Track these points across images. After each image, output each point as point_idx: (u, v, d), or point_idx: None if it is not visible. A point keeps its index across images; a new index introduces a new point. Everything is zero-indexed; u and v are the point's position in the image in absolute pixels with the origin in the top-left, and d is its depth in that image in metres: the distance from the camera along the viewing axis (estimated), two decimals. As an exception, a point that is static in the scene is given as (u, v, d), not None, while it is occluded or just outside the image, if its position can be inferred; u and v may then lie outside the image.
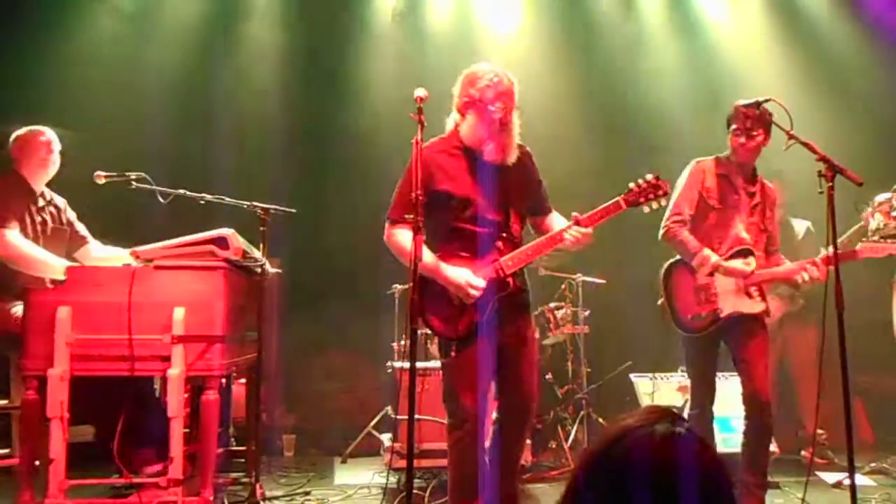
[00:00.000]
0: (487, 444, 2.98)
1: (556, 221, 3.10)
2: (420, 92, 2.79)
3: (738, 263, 3.46)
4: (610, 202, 2.95)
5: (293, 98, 5.73)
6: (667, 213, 3.54)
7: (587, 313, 5.13)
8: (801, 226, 4.90)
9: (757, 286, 3.51)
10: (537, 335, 4.85)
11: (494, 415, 3.10)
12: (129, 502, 3.01)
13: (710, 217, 3.53)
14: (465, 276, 2.86)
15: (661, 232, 3.58)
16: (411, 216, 2.68)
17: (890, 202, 3.89)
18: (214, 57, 5.71)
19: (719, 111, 3.79)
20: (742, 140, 3.46)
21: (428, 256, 2.85)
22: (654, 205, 3.00)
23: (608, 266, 5.21)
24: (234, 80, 5.72)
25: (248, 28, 5.92)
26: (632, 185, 2.98)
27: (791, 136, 3.04)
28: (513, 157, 2.98)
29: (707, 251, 3.48)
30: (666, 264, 3.67)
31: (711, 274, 3.48)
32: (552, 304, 5.14)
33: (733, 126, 3.48)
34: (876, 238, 4.09)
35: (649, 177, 2.98)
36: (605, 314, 5.25)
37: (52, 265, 3.35)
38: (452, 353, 2.86)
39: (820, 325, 2.95)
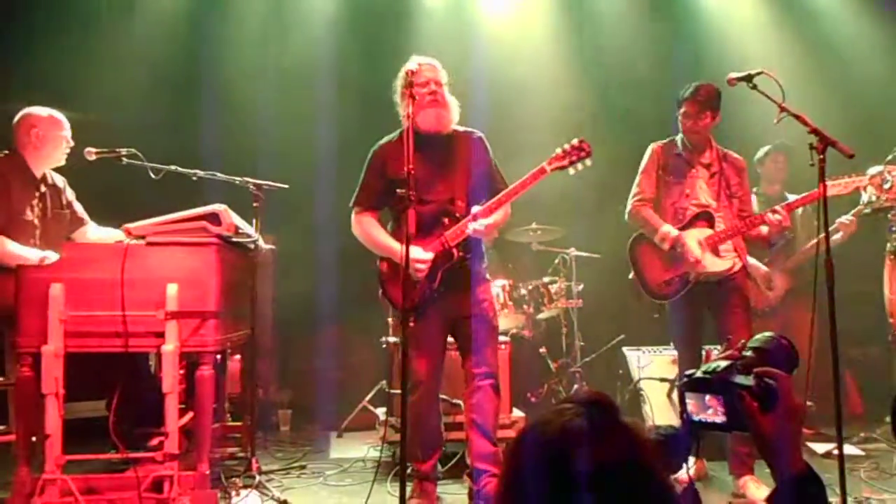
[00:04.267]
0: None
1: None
2: (412, 65, 2.80)
3: (692, 246, 3.67)
4: (535, 169, 3.23)
5: (286, 72, 5.68)
6: (631, 194, 3.88)
7: (581, 287, 5.15)
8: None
9: (723, 244, 3.71)
10: (531, 310, 4.90)
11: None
12: (126, 477, 3.03)
13: (672, 191, 3.81)
14: (412, 254, 3.07)
15: (627, 211, 3.87)
16: (375, 203, 3.11)
17: (882, 175, 3.89)
18: (205, 30, 5.65)
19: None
20: (690, 123, 3.75)
21: (383, 238, 3.32)
22: (580, 166, 3.25)
23: (602, 240, 5.22)
24: (225, 54, 5.66)
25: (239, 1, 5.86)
26: (557, 149, 3.24)
27: (783, 109, 3.04)
28: (448, 127, 3.30)
29: (667, 227, 3.74)
30: (630, 239, 3.90)
31: (673, 248, 3.70)
32: (546, 279, 5.16)
33: (683, 109, 3.76)
34: (869, 211, 4.12)
35: (574, 141, 3.25)
36: (598, 288, 5.27)
37: (31, 259, 3.33)
38: (411, 324, 3.05)
39: (815, 299, 2.97)
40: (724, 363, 1.30)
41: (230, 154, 4.79)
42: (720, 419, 1.28)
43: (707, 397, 1.29)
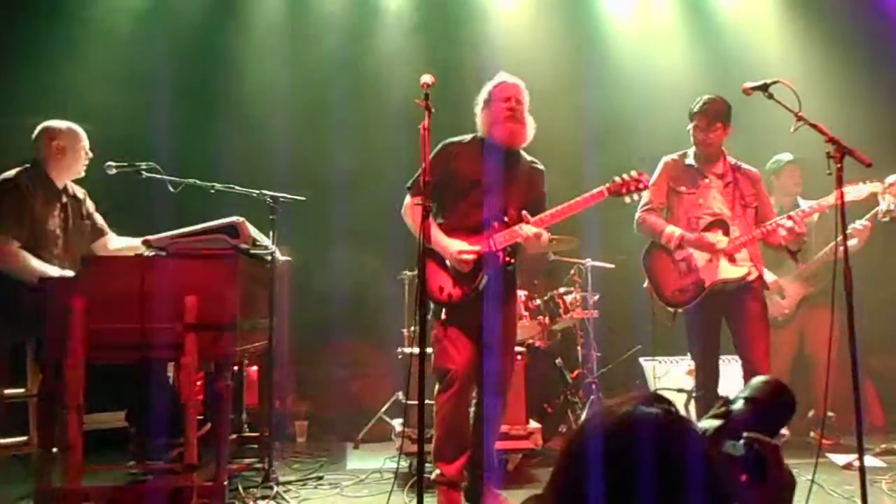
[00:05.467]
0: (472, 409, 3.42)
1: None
2: (426, 78, 2.84)
3: (708, 235, 3.72)
4: (594, 190, 3.36)
5: (301, 84, 5.73)
6: (640, 205, 3.90)
7: (596, 297, 5.13)
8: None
9: (738, 251, 3.73)
10: (546, 320, 4.89)
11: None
12: (146, 487, 3.05)
13: (685, 201, 3.85)
14: (459, 247, 3.27)
15: (635, 220, 3.93)
16: (426, 191, 3.03)
17: (900, 183, 3.87)
18: (221, 43, 5.71)
19: (728, 92, 3.81)
20: (702, 136, 3.80)
21: (433, 227, 3.24)
22: (635, 196, 3.38)
23: (617, 250, 5.21)
24: (241, 66, 5.72)
25: (255, 13, 5.92)
26: (616, 178, 3.36)
27: (799, 118, 3.04)
28: (522, 143, 3.43)
29: (671, 227, 3.78)
30: (643, 249, 3.93)
31: (681, 247, 3.75)
32: (561, 289, 5.14)
33: (694, 122, 3.83)
34: (887, 219, 4.09)
35: (634, 172, 3.37)
36: (614, 298, 5.25)
37: (51, 275, 3.36)
38: (443, 317, 3.26)
39: (837, 307, 2.95)
40: (714, 424, 1.23)
41: (247, 167, 4.84)
42: None
43: None
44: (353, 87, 5.69)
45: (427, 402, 2.99)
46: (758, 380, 1.34)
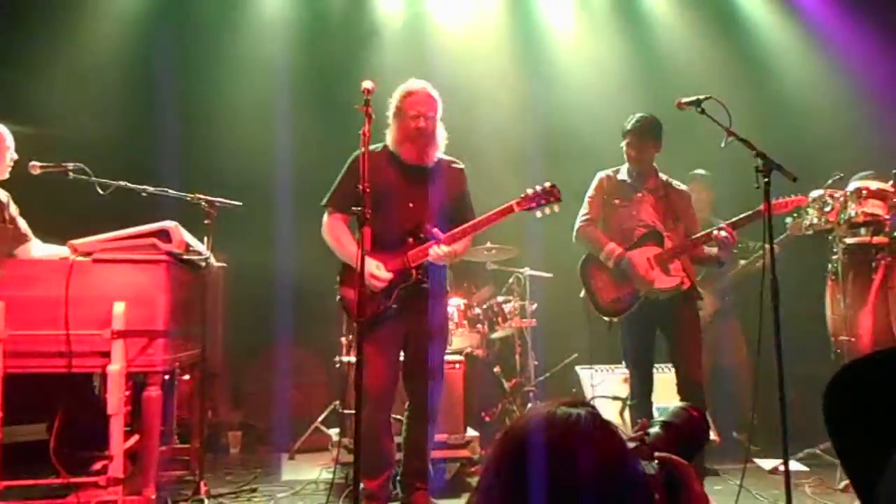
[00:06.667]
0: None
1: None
2: (367, 84, 2.82)
3: (638, 267, 3.78)
4: (503, 206, 3.31)
5: (240, 87, 5.63)
6: (578, 216, 3.99)
7: (534, 307, 5.19)
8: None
9: (671, 262, 3.82)
10: (485, 329, 4.91)
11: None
12: (67, 503, 2.91)
13: (619, 214, 3.94)
14: (371, 267, 3.15)
15: (574, 232, 3.99)
16: (349, 207, 2.99)
17: (822, 199, 4.04)
18: (160, 43, 5.56)
19: (658, 109, 3.93)
20: (634, 153, 3.90)
21: (348, 243, 3.28)
22: (547, 210, 3.32)
23: (555, 260, 5.27)
24: (180, 68, 5.58)
25: (198, 12, 5.79)
26: (529, 190, 3.32)
27: (730, 133, 3.14)
28: (431, 161, 3.37)
29: (612, 245, 3.86)
30: (581, 259, 4.00)
31: (618, 265, 3.82)
32: (500, 298, 5.18)
33: (627, 140, 3.91)
34: (811, 232, 4.26)
35: (546, 184, 3.29)
36: (551, 307, 5.32)
37: None
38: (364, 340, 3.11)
39: (745, 318, 3.06)
40: (630, 445, 1.26)
41: (186, 170, 4.70)
42: None
43: None
44: (297, 90, 5.62)
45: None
46: (676, 406, 1.41)
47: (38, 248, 3.72)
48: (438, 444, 3.79)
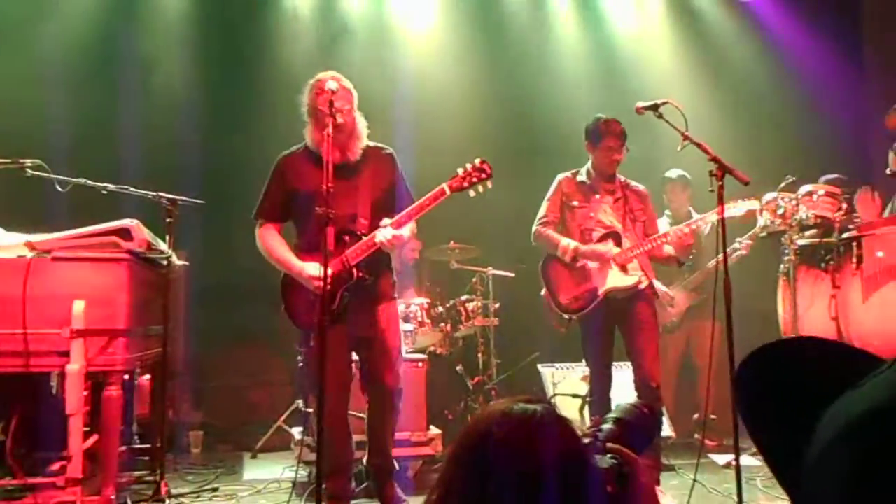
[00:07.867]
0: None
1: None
2: (331, 85, 2.85)
3: (598, 246, 3.86)
4: (435, 189, 3.16)
5: (204, 85, 5.58)
6: (536, 218, 4.02)
7: (497, 306, 5.25)
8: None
9: (630, 262, 3.88)
10: (448, 328, 4.95)
11: None
12: (24, 504, 2.88)
13: (577, 214, 3.97)
14: (308, 270, 3.11)
15: (532, 233, 4.01)
16: (279, 215, 3.07)
17: (776, 201, 4.17)
18: (120, 37, 5.48)
19: (619, 111, 4.00)
20: (613, 155, 3.86)
21: (281, 251, 3.23)
22: (480, 188, 3.19)
23: (517, 260, 5.33)
24: (142, 62, 5.51)
25: (159, 8, 5.72)
26: (459, 170, 3.18)
27: (686, 138, 3.22)
28: (355, 156, 3.21)
29: (566, 240, 3.89)
30: (541, 259, 4.03)
31: (575, 260, 3.85)
32: (463, 297, 5.23)
33: (604, 142, 3.85)
34: (765, 234, 4.40)
35: (476, 161, 3.19)
36: (514, 306, 5.38)
37: None
38: (311, 344, 3.06)
39: (718, 315, 3.15)
40: (585, 441, 1.32)
41: (149, 168, 4.65)
42: None
43: None
44: (260, 87, 5.59)
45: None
46: (627, 403, 1.47)
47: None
48: (401, 441, 3.81)
